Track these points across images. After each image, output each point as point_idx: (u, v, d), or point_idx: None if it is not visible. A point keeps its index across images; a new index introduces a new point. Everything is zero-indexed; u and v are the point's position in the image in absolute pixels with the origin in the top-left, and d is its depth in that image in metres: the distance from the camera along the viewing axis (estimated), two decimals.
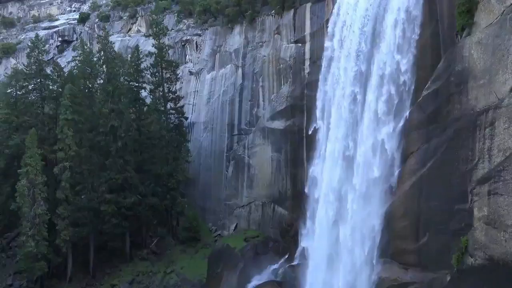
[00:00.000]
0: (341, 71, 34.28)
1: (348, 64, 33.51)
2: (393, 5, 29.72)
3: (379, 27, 30.85)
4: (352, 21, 33.29)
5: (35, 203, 42.75)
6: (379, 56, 30.29)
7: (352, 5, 33.68)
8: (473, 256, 21.78)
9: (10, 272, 46.04)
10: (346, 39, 33.95)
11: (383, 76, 29.86)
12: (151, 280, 47.58)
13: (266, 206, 49.91)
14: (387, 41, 29.66)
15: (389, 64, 29.47)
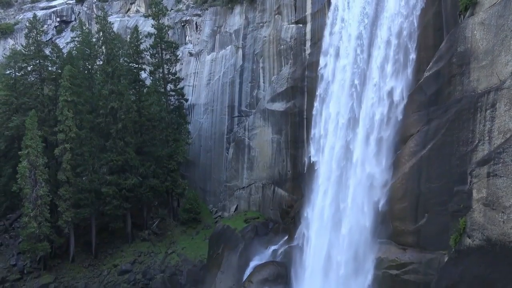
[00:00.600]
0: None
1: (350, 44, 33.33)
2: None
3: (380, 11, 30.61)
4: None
5: (36, 184, 43.06)
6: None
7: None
8: (471, 237, 21.96)
9: (13, 252, 46.63)
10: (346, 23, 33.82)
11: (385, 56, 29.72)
12: (152, 260, 48.20)
13: (266, 188, 50.15)
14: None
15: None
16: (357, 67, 32.72)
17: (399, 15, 28.98)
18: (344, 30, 34.54)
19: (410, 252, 27.30)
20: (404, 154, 28.32)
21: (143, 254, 49.05)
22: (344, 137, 33.31)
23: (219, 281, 40.92)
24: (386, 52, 29.78)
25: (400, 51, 29.16)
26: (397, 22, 29.15)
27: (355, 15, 33.27)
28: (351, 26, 33.68)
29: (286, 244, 40.84)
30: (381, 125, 29.83)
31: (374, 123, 30.23)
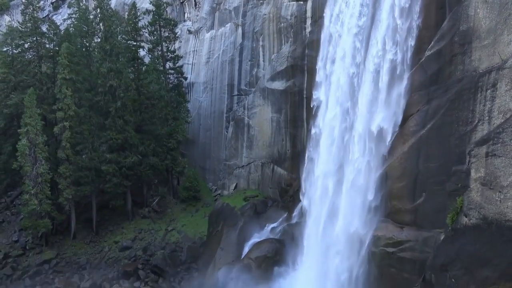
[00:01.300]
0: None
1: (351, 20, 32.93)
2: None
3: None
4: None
5: (36, 162, 43.25)
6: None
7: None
8: (468, 215, 22.25)
9: (15, 229, 47.22)
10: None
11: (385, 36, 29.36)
12: (152, 237, 48.86)
13: (266, 167, 50.40)
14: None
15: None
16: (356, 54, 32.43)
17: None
18: (344, 12, 33.97)
19: (407, 230, 27.68)
20: (403, 133, 28.39)
21: (143, 231, 49.68)
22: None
23: (219, 257, 41.60)
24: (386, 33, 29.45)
25: (401, 32, 28.82)
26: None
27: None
28: (352, 7, 33.15)
29: (285, 222, 41.37)
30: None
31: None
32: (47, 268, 43.48)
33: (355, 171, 30.65)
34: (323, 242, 33.04)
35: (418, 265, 26.29)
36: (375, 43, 30.12)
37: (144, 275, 43.14)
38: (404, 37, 28.53)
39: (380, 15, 29.80)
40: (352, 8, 32.94)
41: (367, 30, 31.28)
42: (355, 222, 30.44)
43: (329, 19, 36.41)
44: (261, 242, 39.95)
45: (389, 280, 27.70)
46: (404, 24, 28.43)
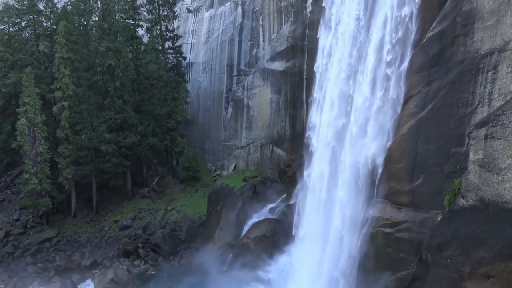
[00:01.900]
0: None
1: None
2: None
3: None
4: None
5: (36, 142, 43.26)
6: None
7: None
8: (465, 197, 22.44)
9: (16, 208, 47.55)
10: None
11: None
12: (152, 216, 49.31)
13: (265, 147, 50.50)
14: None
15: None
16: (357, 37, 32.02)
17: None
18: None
19: (405, 211, 27.96)
20: (403, 115, 28.37)
21: (143, 211, 50.10)
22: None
23: (218, 236, 42.09)
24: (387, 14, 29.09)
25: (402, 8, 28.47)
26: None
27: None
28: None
29: (284, 202, 41.69)
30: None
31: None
32: (48, 246, 44.00)
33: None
34: (322, 221, 33.37)
35: (415, 245, 26.65)
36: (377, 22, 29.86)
37: (144, 253, 43.72)
38: (406, 19, 28.24)
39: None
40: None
41: (367, 18, 30.94)
42: (354, 203, 30.69)
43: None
44: (260, 222, 40.36)
45: (385, 259, 28.12)
46: (406, 4, 28.11)
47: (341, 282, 30.57)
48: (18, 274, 39.56)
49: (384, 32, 29.41)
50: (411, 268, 26.76)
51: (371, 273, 28.76)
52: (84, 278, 39.20)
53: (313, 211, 35.00)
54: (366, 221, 29.50)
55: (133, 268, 41.25)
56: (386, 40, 29.31)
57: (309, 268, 33.01)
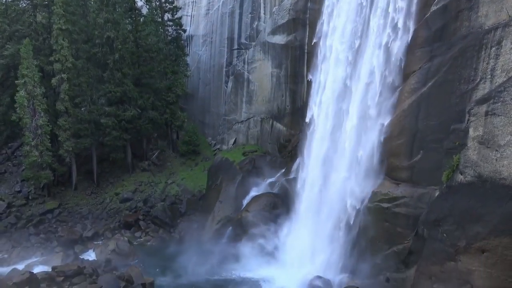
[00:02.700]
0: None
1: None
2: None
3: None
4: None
5: (35, 114, 43.18)
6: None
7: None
8: (463, 173, 22.62)
9: (17, 180, 47.92)
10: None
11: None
12: (152, 189, 49.77)
13: (265, 122, 50.47)
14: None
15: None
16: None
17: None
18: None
19: (403, 187, 28.24)
20: (404, 91, 28.25)
21: (143, 184, 50.52)
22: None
23: (218, 210, 42.63)
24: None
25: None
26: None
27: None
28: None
29: (283, 177, 41.99)
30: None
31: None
32: (50, 217, 44.62)
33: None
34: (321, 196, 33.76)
35: (412, 220, 27.05)
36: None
37: (145, 225, 44.37)
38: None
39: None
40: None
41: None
42: (353, 178, 30.96)
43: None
44: (259, 196, 40.76)
45: (382, 233, 28.60)
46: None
47: (339, 255, 31.19)
48: (21, 244, 40.27)
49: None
50: (407, 242, 27.26)
51: (369, 247, 29.31)
52: (86, 249, 39.91)
53: (313, 185, 35.32)
54: (365, 196, 29.84)
55: (134, 240, 41.97)
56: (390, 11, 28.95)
57: (308, 242, 33.59)
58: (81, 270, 29.32)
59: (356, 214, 30.39)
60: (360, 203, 30.12)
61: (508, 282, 20.78)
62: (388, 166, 29.19)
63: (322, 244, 32.46)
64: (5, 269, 34.48)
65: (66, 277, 28.47)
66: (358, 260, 29.78)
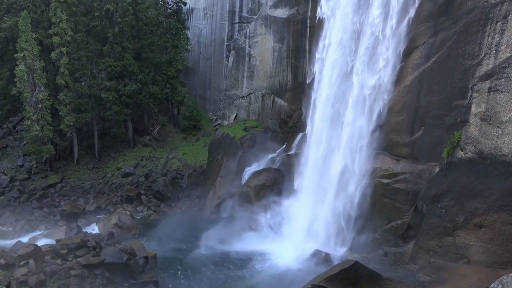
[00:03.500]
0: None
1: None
2: None
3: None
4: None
5: (35, 88, 42.96)
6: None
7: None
8: (464, 150, 22.64)
9: (19, 154, 48.13)
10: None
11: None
12: (154, 164, 50.03)
13: (266, 97, 50.21)
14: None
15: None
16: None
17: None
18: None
19: (403, 163, 28.34)
20: (407, 66, 27.96)
21: (145, 159, 50.75)
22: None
23: (219, 185, 42.92)
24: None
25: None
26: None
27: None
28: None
29: (284, 152, 42.06)
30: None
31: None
32: (53, 191, 45.04)
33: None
34: (322, 172, 33.89)
35: (411, 196, 27.28)
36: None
37: (146, 200, 44.81)
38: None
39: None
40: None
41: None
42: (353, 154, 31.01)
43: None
44: (259, 171, 40.95)
45: (382, 209, 28.90)
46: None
47: (339, 230, 31.58)
48: (25, 217, 40.78)
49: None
50: (406, 217, 27.57)
51: (368, 222, 29.67)
52: (89, 223, 40.41)
53: (314, 161, 35.41)
54: (365, 172, 29.97)
55: (136, 214, 42.45)
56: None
57: (309, 217, 33.95)
58: (85, 243, 29.77)
59: (356, 190, 30.60)
60: (360, 179, 30.28)
61: (505, 256, 21.13)
62: (389, 142, 29.20)
63: (322, 219, 32.82)
64: (9, 241, 35.07)
65: (70, 249, 28.94)
66: (357, 235, 30.20)
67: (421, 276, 23.89)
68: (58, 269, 26.44)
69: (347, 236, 30.88)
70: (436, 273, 23.45)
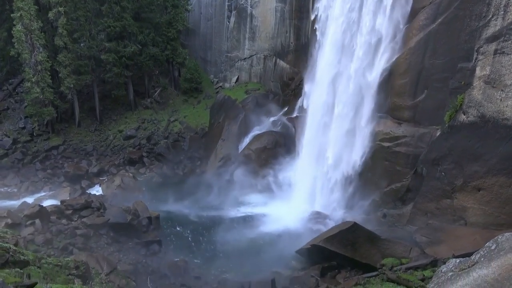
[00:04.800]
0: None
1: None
2: None
3: None
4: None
5: (34, 49, 42.35)
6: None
7: None
8: (466, 113, 22.55)
9: (20, 116, 48.12)
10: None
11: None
12: (155, 127, 50.08)
13: (268, 59, 49.50)
14: None
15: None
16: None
17: None
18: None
19: (405, 126, 28.31)
20: (412, 28, 27.32)
21: (146, 121, 50.75)
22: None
23: (220, 147, 43.16)
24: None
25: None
26: None
27: None
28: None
29: (286, 115, 41.99)
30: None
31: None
32: (56, 153, 45.40)
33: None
34: (322, 135, 33.93)
35: (412, 159, 27.43)
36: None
37: (148, 162, 45.23)
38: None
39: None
40: None
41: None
42: (355, 117, 30.92)
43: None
44: (261, 134, 41.04)
45: (382, 172, 29.15)
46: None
47: (339, 192, 32.01)
48: (29, 179, 41.36)
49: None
50: (405, 180, 27.86)
51: (368, 184, 30.01)
52: (92, 184, 41.01)
53: (315, 123, 35.37)
54: (366, 135, 29.99)
55: (138, 176, 42.99)
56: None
57: (309, 179, 34.33)
58: (89, 204, 30.35)
59: (356, 153, 30.74)
60: (361, 142, 30.35)
61: (501, 218, 21.52)
62: (391, 105, 29.03)
63: (322, 181, 33.20)
64: (15, 202, 35.74)
65: (75, 210, 29.56)
66: (357, 197, 30.64)
67: (418, 237, 24.46)
68: (64, 229, 27.11)
69: (347, 198, 31.34)
70: (433, 234, 23.99)
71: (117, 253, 26.88)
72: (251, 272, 25.69)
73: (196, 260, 27.96)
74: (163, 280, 24.77)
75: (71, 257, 21.99)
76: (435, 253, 22.19)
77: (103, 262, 22.45)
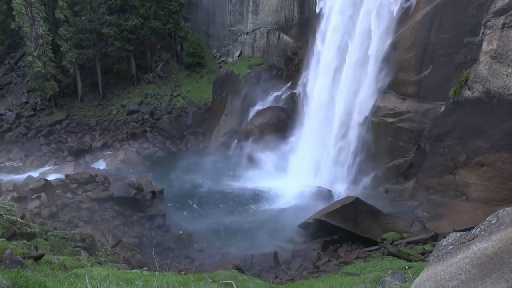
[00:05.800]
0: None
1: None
2: None
3: None
4: None
5: (35, 23, 41.85)
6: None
7: None
8: (471, 89, 22.33)
9: (23, 91, 48.01)
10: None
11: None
12: (158, 102, 49.94)
13: (271, 34, 48.79)
14: None
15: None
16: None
17: None
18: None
19: (409, 102, 28.13)
20: (419, 1, 26.76)
21: (149, 96, 50.57)
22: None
23: (223, 122, 43.14)
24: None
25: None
26: None
27: None
28: None
29: (289, 90, 41.71)
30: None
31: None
32: (59, 128, 45.51)
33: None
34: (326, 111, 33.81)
35: (415, 135, 27.39)
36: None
37: (152, 137, 45.34)
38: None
39: None
40: None
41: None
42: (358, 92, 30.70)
43: None
44: (264, 109, 40.90)
45: (385, 148, 29.16)
46: None
47: (342, 168, 32.14)
48: (33, 153, 41.64)
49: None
50: (408, 156, 27.90)
51: (371, 160, 30.09)
52: (96, 159, 41.27)
53: (319, 98, 35.16)
54: (370, 110, 29.85)
55: (142, 151, 43.16)
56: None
57: (313, 155, 34.40)
58: (93, 178, 30.65)
59: (360, 128, 30.69)
60: (365, 118, 30.24)
61: (502, 193, 21.62)
62: (396, 80, 28.76)
63: (326, 157, 33.28)
64: (20, 176, 36.13)
65: (79, 184, 29.88)
66: (360, 173, 30.77)
67: (420, 212, 24.69)
68: (69, 202, 27.49)
69: (350, 174, 31.49)
70: (434, 209, 24.20)
71: (122, 226, 27.35)
72: (254, 245, 26.13)
73: (200, 234, 28.42)
74: (167, 253, 25.27)
75: (77, 230, 22.40)
76: (436, 228, 22.43)
77: (108, 235, 22.85)
